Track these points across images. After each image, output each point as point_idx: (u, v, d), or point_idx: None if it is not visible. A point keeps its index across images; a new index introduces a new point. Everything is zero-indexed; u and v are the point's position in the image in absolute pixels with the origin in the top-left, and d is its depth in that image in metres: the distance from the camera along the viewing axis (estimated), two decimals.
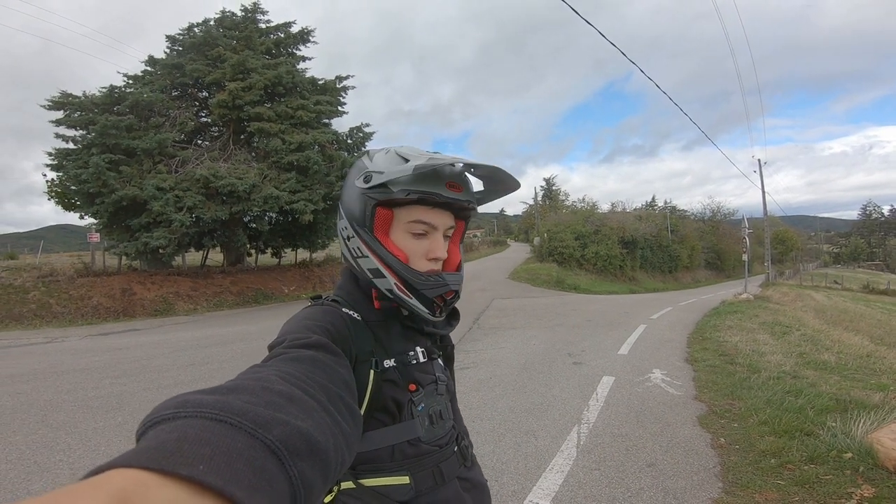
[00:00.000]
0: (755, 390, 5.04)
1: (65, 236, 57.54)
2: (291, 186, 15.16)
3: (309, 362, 0.63)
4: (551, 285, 23.48)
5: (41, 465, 3.70)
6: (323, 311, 0.84)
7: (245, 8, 17.93)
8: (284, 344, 0.69)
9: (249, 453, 0.38)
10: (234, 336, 9.42)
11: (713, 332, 9.14)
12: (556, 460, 3.60)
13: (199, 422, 0.40)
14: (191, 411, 0.41)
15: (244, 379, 0.52)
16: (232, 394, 0.46)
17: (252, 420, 0.41)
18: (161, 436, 0.38)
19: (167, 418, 0.41)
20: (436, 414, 0.93)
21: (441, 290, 0.89)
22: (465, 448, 1.01)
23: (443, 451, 0.93)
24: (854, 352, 7.33)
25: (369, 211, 0.88)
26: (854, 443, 3.42)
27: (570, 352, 7.46)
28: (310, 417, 0.48)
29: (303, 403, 0.50)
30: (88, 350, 8.42)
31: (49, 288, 13.29)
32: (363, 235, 0.89)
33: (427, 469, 0.89)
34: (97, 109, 14.68)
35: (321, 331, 0.76)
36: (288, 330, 0.76)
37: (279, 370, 0.57)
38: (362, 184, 0.88)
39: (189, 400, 0.43)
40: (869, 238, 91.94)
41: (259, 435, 0.40)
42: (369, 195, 0.87)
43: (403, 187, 0.85)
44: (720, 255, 45.29)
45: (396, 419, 0.87)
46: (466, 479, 0.97)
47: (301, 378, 0.56)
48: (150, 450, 0.35)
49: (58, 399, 5.36)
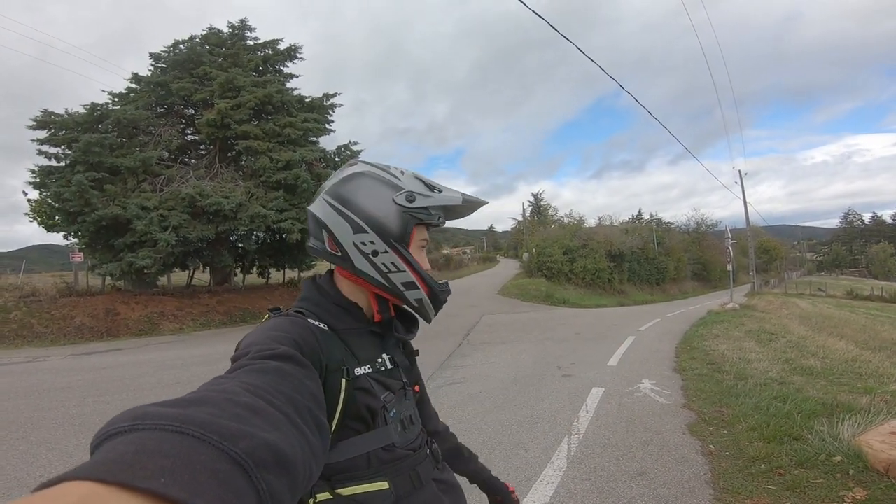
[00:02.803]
0: (743, 397, 5.07)
1: (48, 256, 56.58)
2: (279, 205, 15.04)
3: (275, 374, 0.61)
4: (541, 300, 23.54)
5: (21, 480, 3.65)
6: (290, 322, 0.83)
7: (232, 25, 17.93)
8: (249, 355, 0.67)
9: (214, 466, 0.37)
10: (220, 355, 9.26)
11: (700, 341, 9.21)
12: (546, 471, 3.57)
13: (158, 434, 0.38)
14: (149, 423, 0.39)
15: (207, 391, 0.50)
16: (193, 406, 0.44)
17: (216, 432, 0.40)
18: (118, 447, 0.36)
19: (123, 430, 0.39)
20: (406, 419, 0.94)
21: (448, 294, 0.99)
22: (436, 451, 1.02)
23: (417, 455, 0.93)
24: (839, 356, 7.43)
25: (410, 229, 0.92)
26: (843, 446, 3.44)
27: (559, 365, 7.45)
28: (276, 430, 0.46)
29: (269, 416, 0.48)
30: (71, 369, 8.24)
31: (31, 308, 13.02)
32: (402, 251, 0.91)
33: (404, 473, 0.89)
34: (80, 128, 14.55)
35: (289, 342, 0.74)
36: (253, 341, 0.74)
37: (243, 382, 0.55)
38: (405, 202, 0.91)
39: (148, 412, 0.41)
40: (850, 245, 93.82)
41: (224, 447, 0.39)
42: (413, 214, 0.91)
43: (439, 213, 0.95)
44: (706, 266, 45.78)
45: (370, 426, 0.87)
46: (441, 480, 0.98)
47: (267, 390, 0.55)
48: (105, 462, 0.33)
49: (39, 417, 5.26)
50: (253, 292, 18.46)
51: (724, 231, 19.84)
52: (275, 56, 18.29)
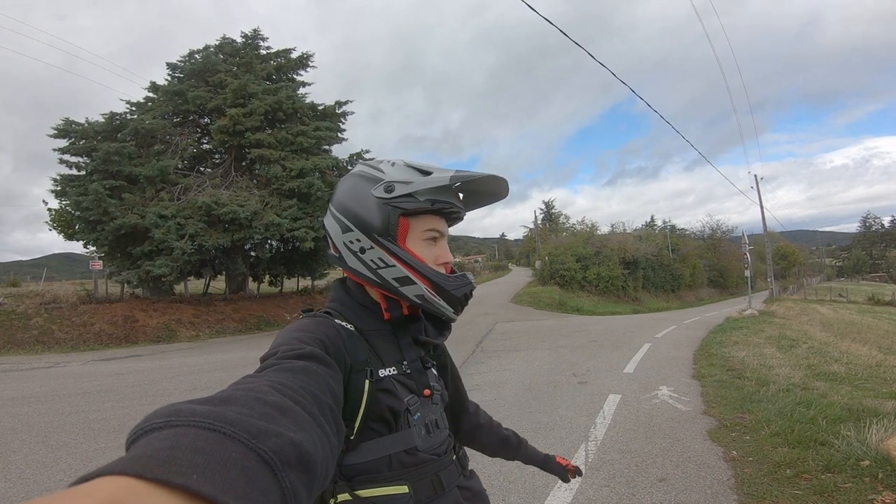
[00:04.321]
0: (765, 403, 4.97)
1: (68, 264, 57.81)
2: (293, 214, 15.20)
3: (302, 373, 0.63)
4: (554, 308, 23.36)
5: (41, 483, 3.69)
6: (316, 323, 0.84)
7: (245, 34, 18.26)
8: (277, 355, 0.69)
9: (243, 463, 0.38)
10: (237, 361, 9.34)
11: (719, 347, 9.05)
12: None
13: (192, 430, 0.39)
14: (184, 420, 0.40)
15: (236, 390, 0.52)
16: (224, 404, 0.45)
17: (246, 430, 0.41)
18: (153, 443, 0.37)
19: (159, 426, 0.40)
20: (431, 423, 0.93)
21: (467, 288, 0.92)
22: (463, 457, 1.01)
23: (441, 460, 0.92)
24: (863, 362, 7.25)
25: (394, 220, 0.88)
26: (870, 451, 3.35)
27: (574, 372, 7.37)
28: (302, 430, 0.47)
29: (295, 415, 0.49)
30: (90, 375, 8.36)
31: (51, 315, 13.26)
32: (388, 245, 0.88)
33: (426, 478, 0.88)
34: (99, 137, 14.86)
35: (314, 342, 0.76)
36: (281, 342, 0.75)
37: (271, 381, 0.56)
38: (383, 193, 0.89)
39: (181, 409, 0.42)
40: (870, 250, 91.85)
41: (253, 445, 0.40)
42: (394, 205, 0.88)
43: (429, 197, 0.89)
44: (722, 273, 45.11)
45: (393, 429, 0.87)
46: (466, 488, 0.97)
47: (294, 389, 0.56)
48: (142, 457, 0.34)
49: (59, 421, 5.33)
50: (267, 300, 18.63)
51: (742, 237, 19.55)
52: (287, 64, 18.55)
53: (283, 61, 18.54)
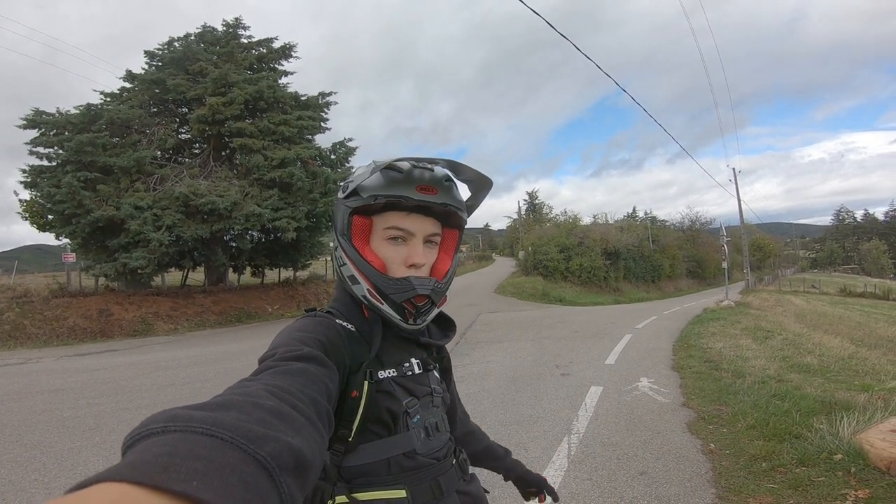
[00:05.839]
0: (741, 395, 5.07)
1: (40, 256, 56.33)
2: (274, 204, 14.95)
3: (300, 375, 0.63)
4: (537, 298, 23.57)
5: (15, 483, 3.60)
6: (316, 323, 0.84)
7: (227, 23, 17.78)
8: (276, 356, 0.69)
9: (242, 469, 0.38)
10: (216, 355, 9.20)
11: (697, 339, 9.23)
12: (547, 471, 3.55)
13: (190, 436, 0.39)
14: (181, 425, 0.41)
15: (233, 395, 0.52)
16: (222, 410, 0.46)
17: (244, 436, 0.41)
18: (152, 449, 0.37)
19: (156, 432, 0.40)
20: (431, 426, 0.91)
21: (407, 294, 0.86)
22: (464, 461, 0.99)
23: (441, 464, 0.91)
24: (836, 354, 7.46)
25: (347, 219, 0.89)
26: (843, 444, 3.44)
27: (557, 363, 7.44)
28: (299, 434, 0.48)
29: (293, 420, 0.50)
30: (64, 370, 8.14)
31: (23, 309, 12.87)
32: (343, 244, 0.90)
33: (425, 482, 0.87)
34: (74, 128, 14.41)
35: (313, 343, 0.76)
36: (280, 342, 0.76)
37: (268, 385, 0.56)
38: (341, 194, 0.91)
39: (179, 414, 0.43)
40: (843, 242, 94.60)
41: (251, 451, 0.40)
42: (346, 204, 0.89)
43: (372, 192, 0.85)
44: (700, 264, 45.96)
45: (392, 431, 0.86)
46: (466, 492, 0.95)
47: (291, 392, 0.56)
48: (141, 463, 0.34)
49: (32, 419, 5.20)
50: (248, 292, 18.32)
51: (719, 228, 19.91)
52: (269, 54, 18.17)
53: (266, 51, 18.13)
